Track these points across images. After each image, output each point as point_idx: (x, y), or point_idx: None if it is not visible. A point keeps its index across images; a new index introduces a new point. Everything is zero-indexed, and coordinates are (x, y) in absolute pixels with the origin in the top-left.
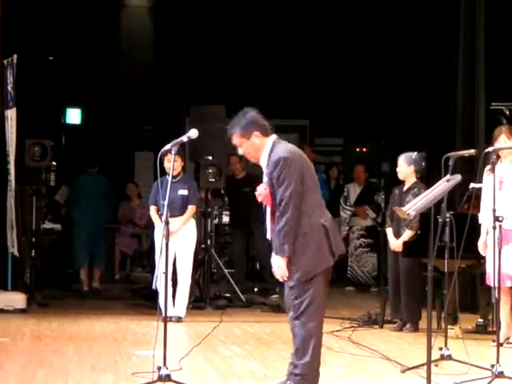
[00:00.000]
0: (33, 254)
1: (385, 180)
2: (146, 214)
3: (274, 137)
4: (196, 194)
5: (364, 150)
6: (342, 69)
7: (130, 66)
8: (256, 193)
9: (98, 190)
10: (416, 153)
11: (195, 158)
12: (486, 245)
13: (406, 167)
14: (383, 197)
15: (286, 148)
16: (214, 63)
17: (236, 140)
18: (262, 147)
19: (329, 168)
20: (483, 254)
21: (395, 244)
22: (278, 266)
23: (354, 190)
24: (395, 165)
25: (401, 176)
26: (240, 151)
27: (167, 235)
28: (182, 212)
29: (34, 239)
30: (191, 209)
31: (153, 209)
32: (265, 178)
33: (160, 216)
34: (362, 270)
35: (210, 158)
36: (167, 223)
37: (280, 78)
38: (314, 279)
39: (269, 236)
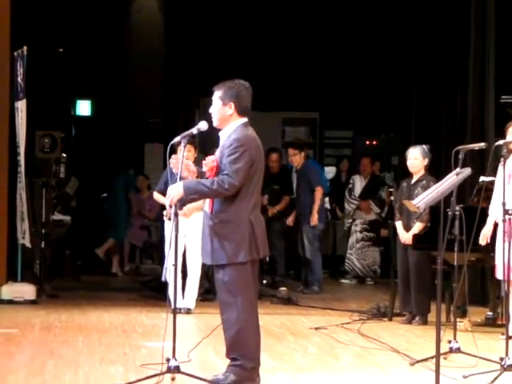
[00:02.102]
0: (42, 246)
1: (394, 173)
2: (155, 207)
3: (244, 120)
4: None
5: (374, 142)
6: (352, 61)
7: (139, 58)
8: (203, 162)
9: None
10: (425, 145)
11: (205, 150)
12: (485, 236)
13: (421, 160)
14: (391, 190)
15: (249, 135)
16: (224, 55)
17: (214, 98)
18: (228, 121)
19: (339, 161)
20: (482, 244)
21: (405, 237)
22: (175, 193)
23: (359, 183)
24: (404, 157)
25: (415, 169)
26: (210, 108)
27: (176, 227)
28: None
29: (43, 231)
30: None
31: (156, 192)
32: (217, 152)
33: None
34: (362, 264)
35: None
36: (176, 215)
37: (289, 70)
38: (238, 266)
39: (207, 208)
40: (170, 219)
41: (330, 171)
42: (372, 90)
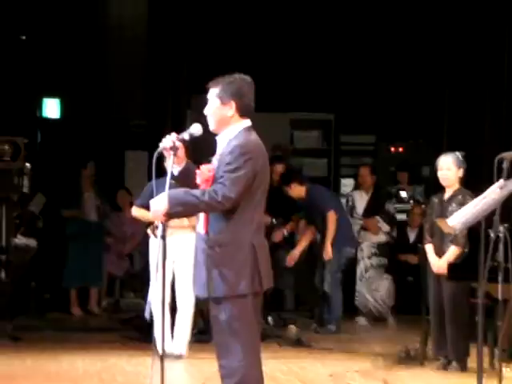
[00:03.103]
0: (2, 276)
1: (426, 187)
2: (138, 231)
3: (247, 122)
4: None
5: (400, 149)
6: (375, 53)
7: (119, 48)
8: (197, 171)
9: None
10: (460, 152)
11: (197, 157)
12: None
13: (455, 171)
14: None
15: (252, 140)
16: (220, 43)
17: (210, 96)
18: (228, 123)
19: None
20: None
21: (437, 264)
22: (158, 210)
23: (360, 198)
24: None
25: (447, 182)
26: (205, 109)
27: (164, 252)
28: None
29: (3, 257)
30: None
31: (136, 207)
32: (214, 161)
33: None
34: (375, 297)
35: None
36: (164, 238)
37: (298, 63)
38: (240, 299)
39: (201, 229)
40: (155, 235)
41: (346, 184)
42: (398, 88)
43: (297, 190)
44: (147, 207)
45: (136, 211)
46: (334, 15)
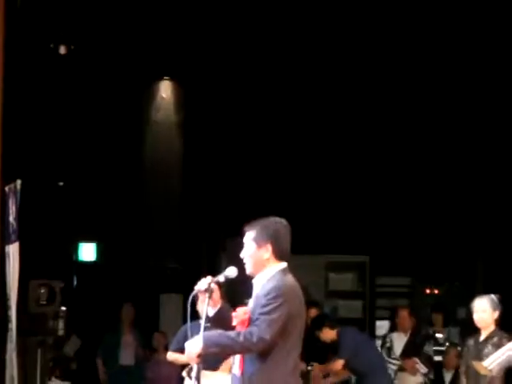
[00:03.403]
0: None
1: (461, 328)
2: (173, 375)
3: (283, 265)
4: None
5: (435, 292)
6: (408, 195)
7: (154, 194)
8: (233, 313)
9: None
10: (495, 295)
11: (233, 301)
12: None
13: (490, 313)
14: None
15: (289, 283)
16: (254, 188)
17: (246, 240)
18: (264, 266)
19: (394, 313)
20: None
21: None
22: (193, 351)
23: (398, 340)
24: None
25: (483, 324)
26: (242, 252)
27: None
28: (218, 364)
29: None
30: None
31: (171, 352)
32: (250, 303)
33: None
34: None
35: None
36: (198, 379)
37: (333, 206)
38: None
39: (236, 370)
40: (190, 378)
41: (382, 326)
42: (433, 231)
43: (328, 334)
44: (181, 351)
45: (171, 356)
46: (365, 160)
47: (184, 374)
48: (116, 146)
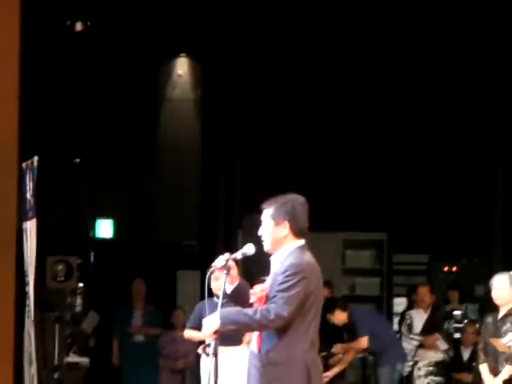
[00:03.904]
0: None
1: (480, 306)
2: (191, 350)
3: (301, 242)
4: None
5: (453, 269)
6: (426, 172)
7: (171, 170)
8: (251, 291)
9: None
10: None
11: (250, 278)
12: None
13: (510, 290)
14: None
15: (307, 260)
16: (271, 164)
17: (264, 217)
18: (282, 243)
19: (411, 291)
20: None
21: None
22: (210, 328)
23: (418, 317)
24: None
25: (501, 301)
26: (259, 230)
27: (216, 370)
28: (236, 340)
29: (55, 376)
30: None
31: (188, 330)
32: (268, 280)
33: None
34: None
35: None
36: (216, 355)
37: (350, 183)
38: None
39: (254, 347)
40: (208, 354)
41: (399, 303)
42: (450, 207)
43: (340, 317)
44: (197, 328)
45: (187, 333)
46: (383, 137)
47: (200, 351)
48: (132, 123)
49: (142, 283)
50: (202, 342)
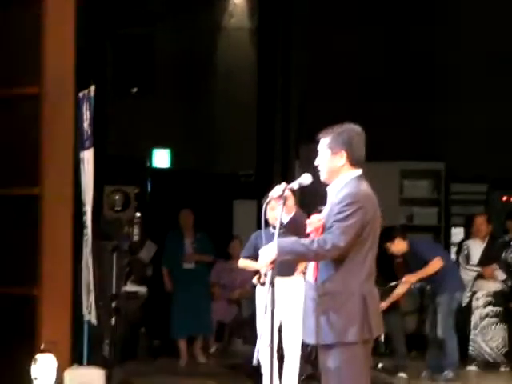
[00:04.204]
0: (113, 323)
1: None
2: (247, 279)
3: (358, 172)
4: None
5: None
6: (483, 100)
7: (227, 100)
8: (307, 221)
9: None
10: None
11: (307, 208)
12: None
13: None
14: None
15: (363, 190)
16: (328, 94)
17: (321, 147)
18: (339, 172)
19: (469, 221)
20: None
21: None
22: (267, 258)
23: (475, 247)
24: None
25: None
26: (316, 160)
27: (273, 300)
28: (292, 270)
29: (114, 304)
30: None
31: (243, 259)
32: (326, 210)
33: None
34: (490, 346)
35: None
36: (273, 285)
37: (407, 112)
38: (349, 346)
39: (310, 277)
40: (262, 284)
41: (457, 233)
42: (509, 140)
43: (400, 246)
44: (252, 258)
45: (242, 262)
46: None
47: (254, 281)
48: (189, 53)
49: (189, 214)
50: (257, 272)
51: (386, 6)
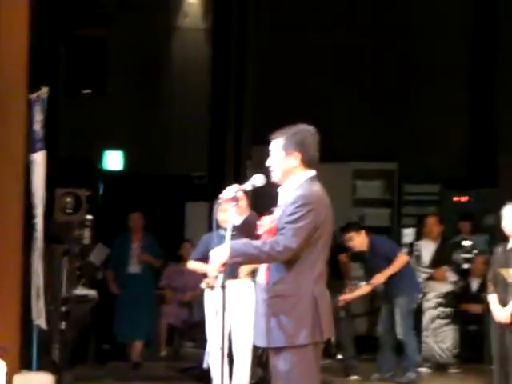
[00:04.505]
0: (62, 327)
1: (490, 236)
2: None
3: (311, 173)
4: None
5: (463, 199)
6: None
7: (180, 101)
8: (259, 222)
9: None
10: None
11: (259, 209)
12: None
13: None
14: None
15: (316, 191)
16: (280, 94)
17: (273, 148)
18: (291, 173)
19: (421, 221)
20: None
21: (501, 314)
22: (218, 260)
23: (427, 248)
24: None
25: (509, 231)
26: (268, 160)
27: (224, 302)
28: (234, 274)
29: (64, 308)
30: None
31: (192, 261)
32: (278, 211)
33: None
34: (441, 347)
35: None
36: (223, 287)
37: (360, 112)
38: (300, 349)
39: (261, 279)
40: (211, 288)
41: (407, 233)
42: (462, 134)
43: (362, 239)
44: (203, 260)
45: (191, 264)
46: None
47: (203, 285)
48: (143, 53)
49: (138, 217)
50: (206, 276)
51: (341, 6)
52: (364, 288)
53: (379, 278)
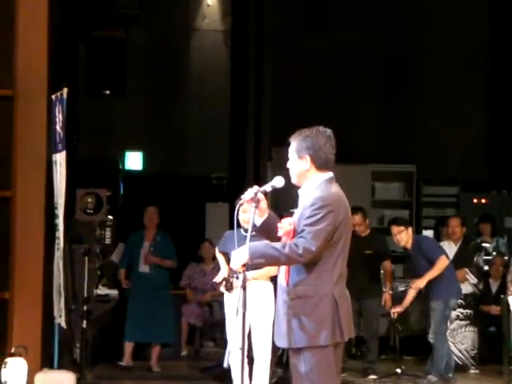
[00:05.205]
0: (84, 326)
1: (508, 238)
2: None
3: (329, 174)
4: None
5: (482, 201)
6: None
7: (199, 102)
8: (279, 225)
9: None
10: None
11: (279, 210)
12: None
13: None
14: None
15: (334, 193)
16: (302, 96)
17: (290, 150)
18: (306, 177)
19: (440, 223)
20: None
21: None
22: (239, 261)
23: (448, 250)
24: None
25: None
26: (288, 163)
27: (244, 303)
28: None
29: (85, 308)
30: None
31: (218, 252)
32: (296, 214)
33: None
34: (459, 348)
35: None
36: (244, 288)
37: (380, 115)
38: (319, 350)
39: (282, 280)
40: (228, 290)
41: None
42: (481, 136)
43: (404, 236)
44: (224, 254)
45: (218, 255)
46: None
47: (222, 289)
48: (163, 53)
49: (153, 211)
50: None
51: (357, 8)
52: (411, 294)
53: (420, 283)
